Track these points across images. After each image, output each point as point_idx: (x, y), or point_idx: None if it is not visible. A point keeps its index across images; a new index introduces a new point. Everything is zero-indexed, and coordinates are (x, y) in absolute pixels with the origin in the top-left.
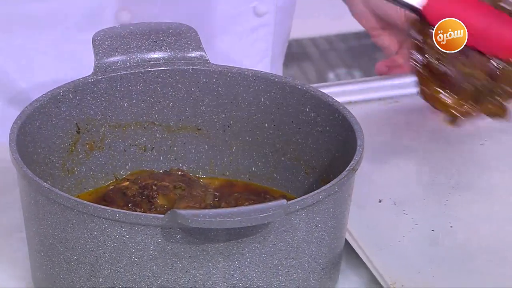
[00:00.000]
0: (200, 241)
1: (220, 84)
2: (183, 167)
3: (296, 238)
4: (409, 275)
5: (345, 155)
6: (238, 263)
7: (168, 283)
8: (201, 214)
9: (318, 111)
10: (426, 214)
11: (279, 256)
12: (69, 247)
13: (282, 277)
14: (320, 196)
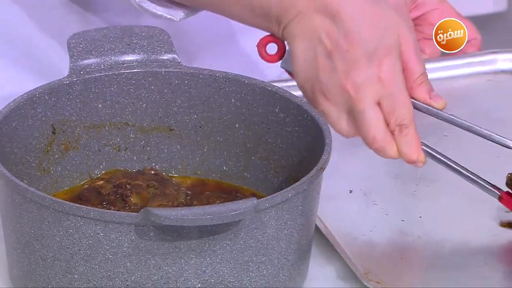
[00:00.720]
0: (173, 238)
1: (191, 85)
2: (156, 166)
3: (266, 235)
4: (381, 264)
5: (313, 154)
6: (209, 259)
7: (142, 279)
8: (174, 212)
9: (287, 112)
10: (396, 205)
11: (249, 252)
12: (45, 244)
13: (252, 273)
14: (289, 194)
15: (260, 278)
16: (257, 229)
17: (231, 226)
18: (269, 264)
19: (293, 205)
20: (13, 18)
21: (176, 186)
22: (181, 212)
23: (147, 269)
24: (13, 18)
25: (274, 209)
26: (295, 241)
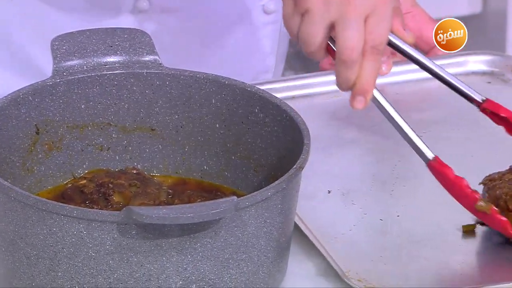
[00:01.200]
0: (155, 237)
1: (173, 86)
2: (138, 165)
3: (246, 233)
4: (362, 263)
5: (292, 154)
6: (190, 257)
7: (124, 277)
8: (155, 211)
9: (266, 112)
10: (374, 204)
11: (229, 250)
12: (29, 242)
13: (232, 270)
14: (268, 193)
15: (240, 275)
16: (237, 227)
17: (212, 224)
18: (249, 261)
19: (273, 203)
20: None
21: (158, 185)
22: (163, 210)
23: (129, 267)
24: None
25: (254, 207)
26: (275, 238)
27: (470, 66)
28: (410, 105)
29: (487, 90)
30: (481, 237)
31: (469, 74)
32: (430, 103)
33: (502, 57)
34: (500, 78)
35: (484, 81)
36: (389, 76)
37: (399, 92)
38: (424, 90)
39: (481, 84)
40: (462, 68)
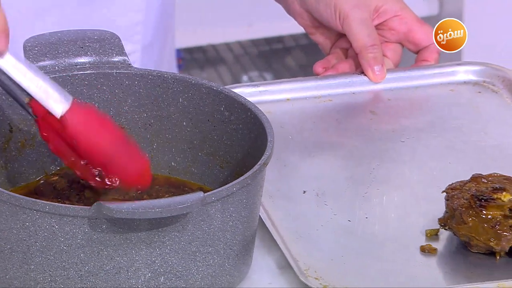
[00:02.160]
0: (124, 231)
1: (141, 86)
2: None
3: (212, 227)
4: (322, 261)
5: (256, 150)
6: (159, 250)
7: (95, 269)
8: (125, 206)
9: (232, 110)
10: (345, 206)
11: (196, 243)
12: (2, 237)
13: (199, 263)
14: (234, 188)
15: (207, 267)
16: (203, 221)
17: (179, 219)
18: (215, 254)
19: (238, 198)
20: None
21: None
22: (132, 205)
23: (99, 260)
24: None
25: (220, 202)
26: (240, 232)
27: (460, 76)
28: (400, 111)
29: (477, 100)
30: (444, 241)
31: (460, 83)
32: (418, 110)
33: (491, 68)
34: (490, 88)
35: (474, 91)
36: (383, 83)
37: (391, 98)
38: (415, 98)
39: (471, 94)
40: (452, 77)
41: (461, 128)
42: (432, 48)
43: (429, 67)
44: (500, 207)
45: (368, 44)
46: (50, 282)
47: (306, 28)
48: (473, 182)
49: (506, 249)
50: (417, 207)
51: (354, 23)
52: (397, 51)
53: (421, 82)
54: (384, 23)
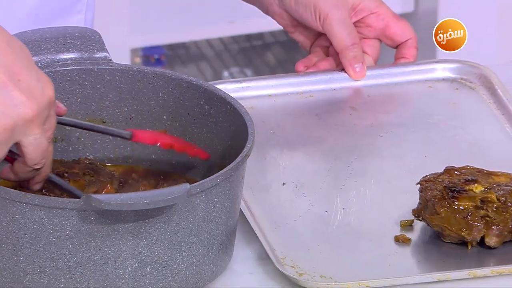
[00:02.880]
0: (112, 222)
1: (122, 81)
2: (90, 156)
3: (197, 217)
4: (299, 250)
5: (236, 143)
6: (145, 241)
7: (83, 260)
8: (113, 198)
9: (211, 104)
10: (323, 197)
11: (182, 234)
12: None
13: (184, 253)
14: (218, 179)
15: (191, 257)
16: (188, 212)
17: (165, 210)
18: (199, 244)
19: (221, 189)
20: None
21: (110, 174)
22: (120, 197)
23: (88, 251)
24: None
25: (204, 193)
26: (223, 222)
27: (438, 73)
28: (379, 107)
29: (454, 96)
30: (418, 231)
31: (439, 80)
32: (397, 106)
33: (468, 65)
34: (467, 84)
35: (452, 88)
36: (362, 80)
37: (370, 94)
38: (394, 94)
39: (449, 91)
40: (430, 74)
41: (438, 123)
42: (410, 44)
43: (408, 64)
44: (471, 198)
45: (348, 43)
46: (39, 273)
47: (286, 28)
48: (446, 174)
49: (478, 239)
50: (393, 198)
51: (334, 23)
52: (376, 47)
53: (400, 79)
54: (362, 20)
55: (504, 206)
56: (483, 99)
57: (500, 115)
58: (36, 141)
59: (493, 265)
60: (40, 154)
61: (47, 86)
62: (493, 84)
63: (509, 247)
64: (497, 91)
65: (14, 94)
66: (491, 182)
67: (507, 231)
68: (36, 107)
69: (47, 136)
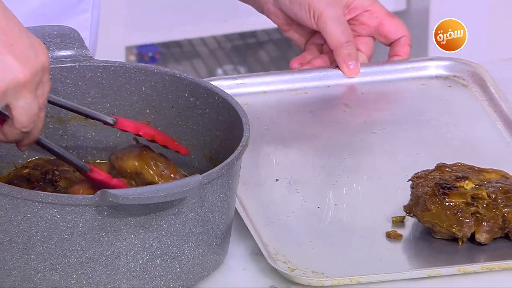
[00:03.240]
0: (124, 216)
1: (104, 77)
2: (73, 153)
3: (204, 208)
4: (291, 246)
5: (228, 132)
6: (156, 233)
7: (95, 255)
8: (130, 192)
9: (197, 96)
10: (316, 193)
11: (190, 225)
12: (1, 229)
13: (192, 243)
14: (223, 170)
15: (198, 247)
16: (196, 203)
17: (176, 202)
18: (205, 234)
19: (225, 179)
20: None
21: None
22: (137, 191)
23: (100, 246)
24: None
25: (210, 184)
26: (225, 212)
27: (431, 71)
28: (373, 104)
29: (447, 94)
30: (409, 227)
31: (432, 78)
32: (390, 103)
33: (461, 63)
34: (459, 82)
35: (445, 85)
36: (356, 77)
37: (364, 91)
38: (387, 91)
39: (442, 88)
40: (423, 72)
41: (431, 120)
42: (403, 42)
43: (401, 62)
44: (462, 195)
45: (342, 41)
46: (51, 270)
47: (281, 26)
48: (437, 171)
49: (468, 235)
50: (385, 195)
51: (329, 21)
52: (370, 44)
53: (393, 76)
54: (355, 18)
55: (495, 203)
56: (476, 97)
57: (492, 112)
58: (26, 105)
59: (483, 261)
60: (29, 118)
61: (40, 51)
62: (486, 82)
63: (499, 244)
64: (489, 88)
65: (6, 59)
66: (482, 179)
67: (498, 228)
68: (28, 72)
69: (39, 102)
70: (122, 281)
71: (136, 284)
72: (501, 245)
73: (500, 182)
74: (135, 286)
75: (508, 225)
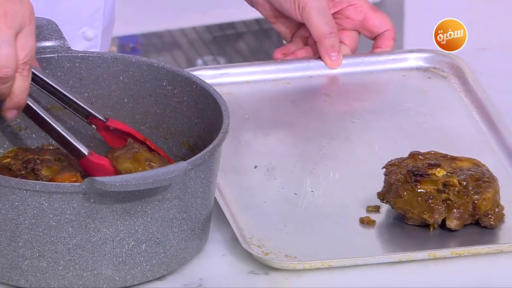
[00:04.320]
0: (110, 203)
1: (82, 67)
2: (52, 142)
3: (187, 194)
4: (266, 231)
5: (206, 120)
6: (141, 219)
7: (82, 242)
8: (118, 179)
9: (175, 84)
10: (293, 180)
11: (174, 210)
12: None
13: (175, 229)
14: (206, 156)
15: (181, 232)
16: (180, 189)
17: (160, 189)
18: (188, 220)
19: (207, 165)
20: None
21: None
22: (124, 178)
23: (87, 232)
24: None
25: (193, 170)
26: (207, 197)
27: (411, 63)
28: (354, 94)
29: (426, 85)
30: (382, 214)
31: (412, 69)
32: (370, 93)
33: (440, 55)
34: (439, 73)
35: (424, 77)
36: (338, 68)
37: (345, 82)
38: (368, 82)
39: (421, 79)
40: (404, 64)
41: (409, 111)
42: (387, 35)
43: (382, 53)
44: (434, 182)
45: (326, 32)
46: (38, 257)
47: (268, 18)
48: (411, 159)
49: (439, 221)
50: (361, 182)
51: (313, 12)
52: (354, 38)
53: (374, 68)
54: (340, 12)
55: (466, 190)
56: (454, 88)
57: (469, 103)
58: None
59: (453, 247)
60: (4, 58)
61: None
62: (464, 73)
63: (469, 230)
64: (468, 79)
65: None
66: (454, 166)
67: (468, 214)
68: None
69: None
70: (108, 267)
71: (122, 269)
72: (471, 231)
73: (472, 170)
74: (121, 271)
75: (478, 212)
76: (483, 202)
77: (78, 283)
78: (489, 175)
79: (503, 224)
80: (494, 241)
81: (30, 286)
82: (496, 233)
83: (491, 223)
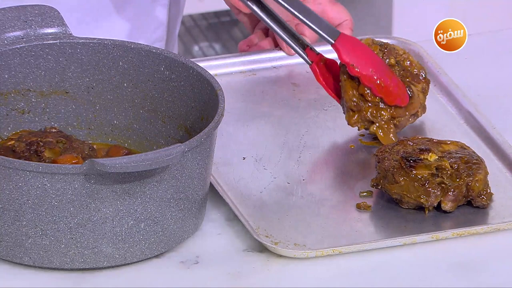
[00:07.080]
0: (111, 184)
1: (83, 53)
2: (55, 125)
3: (184, 175)
4: (269, 221)
5: (202, 103)
6: (140, 199)
7: (83, 221)
8: (117, 161)
9: (172, 69)
10: (283, 169)
11: (171, 191)
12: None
13: (173, 208)
14: (202, 138)
15: (178, 212)
16: (177, 170)
17: (159, 170)
18: (185, 200)
19: (204, 147)
20: None
21: (80, 140)
22: (124, 160)
23: (88, 212)
24: None
25: (190, 152)
26: (203, 178)
27: None
28: None
29: None
30: (374, 198)
31: None
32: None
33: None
34: None
35: None
36: None
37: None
38: None
39: None
40: None
41: None
42: (345, 25)
43: None
44: (427, 167)
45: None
46: (41, 236)
47: (232, 9)
48: (400, 145)
49: (435, 204)
50: (347, 168)
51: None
52: None
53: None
54: None
55: (458, 173)
56: None
57: (432, 87)
58: None
59: (450, 228)
60: None
61: None
62: (423, 58)
63: (462, 210)
64: (427, 64)
65: None
66: (442, 150)
67: (461, 196)
68: None
69: None
70: (108, 245)
71: (122, 247)
72: (464, 212)
73: (460, 152)
74: (120, 249)
75: (472, 193)
76: (476, 184)
77: (79, 261)
78: (477, 157)
79: (493, 202)
80: (487, 219)
81: (34, 263)
82: (487, 212)
83: (483, 203)
